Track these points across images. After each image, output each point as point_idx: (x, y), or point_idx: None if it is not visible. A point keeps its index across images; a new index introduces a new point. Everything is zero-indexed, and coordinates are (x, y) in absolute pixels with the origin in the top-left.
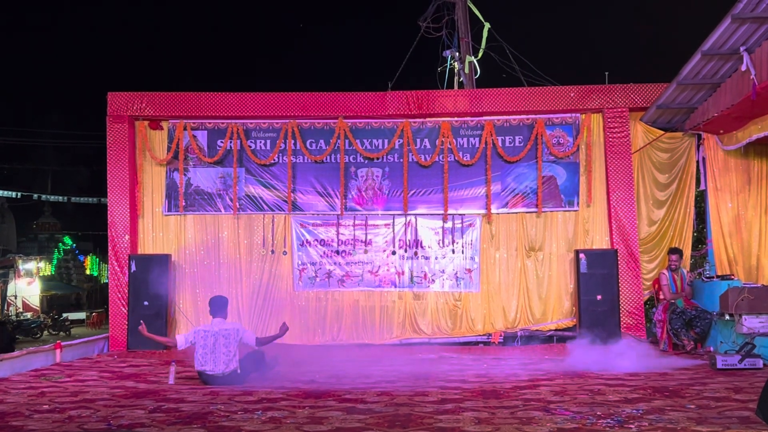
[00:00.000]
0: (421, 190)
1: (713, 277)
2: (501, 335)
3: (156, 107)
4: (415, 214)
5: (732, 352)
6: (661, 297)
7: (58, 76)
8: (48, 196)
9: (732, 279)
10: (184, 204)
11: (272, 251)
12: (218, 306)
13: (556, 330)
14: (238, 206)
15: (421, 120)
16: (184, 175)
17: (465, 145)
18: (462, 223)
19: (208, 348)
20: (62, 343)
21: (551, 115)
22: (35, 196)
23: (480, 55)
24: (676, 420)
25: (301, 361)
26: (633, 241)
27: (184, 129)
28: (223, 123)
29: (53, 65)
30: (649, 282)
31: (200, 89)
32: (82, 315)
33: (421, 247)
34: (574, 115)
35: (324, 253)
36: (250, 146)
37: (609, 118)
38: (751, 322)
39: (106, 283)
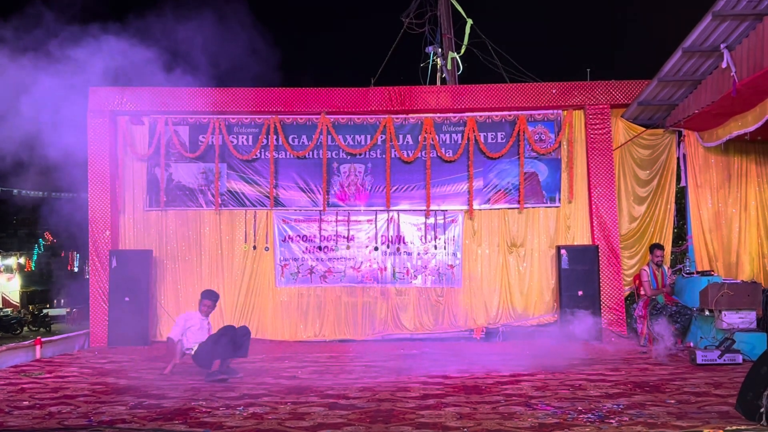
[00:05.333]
0: (403, 186)
1: (693, 273)
2: (483, 330)
3: (137, 102)
4: (398, 210)
5: (712, 348)
6: (642, 293)
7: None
8: (28, 192)
9: (712, 275)
10: (165, 199)
11: (254, 247)
12: None
13: (537, 325)
14: (219, 202)
15: (404, 116)
16: (166, 170)
17: (447, 141)
18: (444, 219)
19: None
20: (42, 339)
21: (533, 112)
22: (15, 191)
23: (462, 51)
24: (656, 415)
25: (283, 357)
26: (614, 237)
27: (166, 124)
28: (204, 118)
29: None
30: (630, 278)
31: (182, 84)
32: (62, 311)
33: (404, 243)
34: (555, 111)
35: (306, 248)
36: (232, 141)
37: (590, 114)
38: (730, 318)
39: (87, 279)
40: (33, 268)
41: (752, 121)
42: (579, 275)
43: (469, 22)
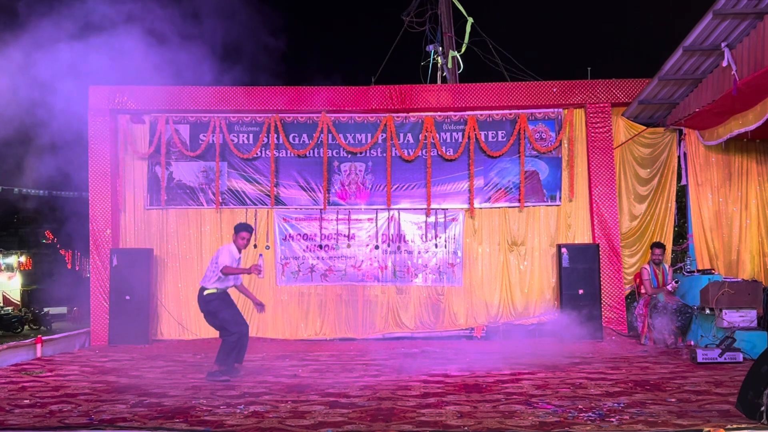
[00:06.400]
0: (404, 184)
1: (694, 272)
2: (483, 329)
3: (138, 101)
4: (398, 209)
5: (712, 346)
6: (643, 291)
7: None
8: (29, 190)
9: (712, 273)
10: (166, 198)
11: (255, 245)
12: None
13: (538, 324)
14: (220, 200)
15: (405, 114)
16: (166, 169)
17: (448, 140)
18: (445, 217)
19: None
20: (43, 338)
21: (534, 110)
22: (15, 189)
23: (463, 49)
24: (657, 413)
25: (284, 356)
26: (614, 236)
27: (166, 123)
28: (205, 117)
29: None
30: (631, 276)
31: (182, 82)
32: (63, 309)
33: (404, 241)
34: (556, 110)
35: (307, 247)
36: (232, 140)
37: (591, 113)
38: (731, 317)
39: (88, 278)
40: (32, 267)
41: (753, 120)
42: (579, 274)
43: (470, 20)
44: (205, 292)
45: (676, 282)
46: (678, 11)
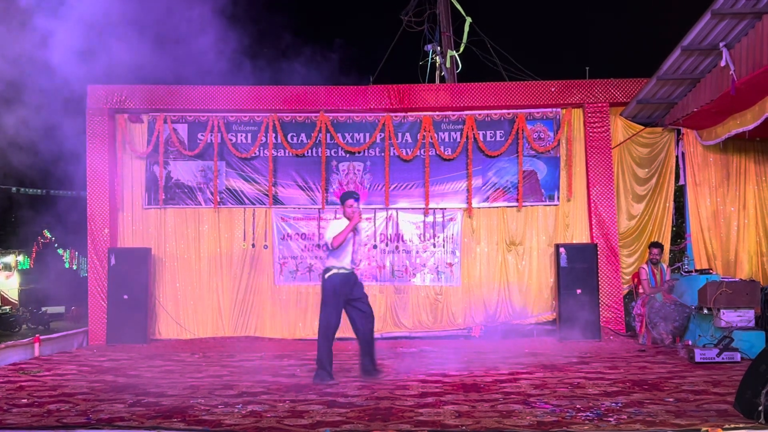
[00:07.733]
0: (402, 184)
1: (692, 272)
2: (481, 329)
3: (136, 100)
4: (397, 209)
5: (710, 346)
6: (641, 291)
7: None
8: (26, 189)
9: (710, 273)
10: (164, 197)
11: (253, 245)
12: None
13: (536, 324)
14: (218, 200)
15: (403, 114)
16: (165, 168)
17: (446, 140)
18: (443, 217)
19: None
20: (41, 337)
21: (532, 110)
22: (14, 188)
23: (461, 49)
24: (654, 413)
25: (282, 355)
26: (612, 236)
27: (165, 122)
28: (203, 116)
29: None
30: (629, 276)
31: (181, 81)
32: (61, 309)
33: (402, 241)
34: (554, 109)
35: (305, 246)
36: (230, 140)
37: (589, 113)
38: (729, 316)
39: (86, 277)
40: (27, 266)
41: (751, 120)
42: (578, 273)
43: (468, 20)
44: (327, 274)
45: (675, 279)
46: (677, 11)
